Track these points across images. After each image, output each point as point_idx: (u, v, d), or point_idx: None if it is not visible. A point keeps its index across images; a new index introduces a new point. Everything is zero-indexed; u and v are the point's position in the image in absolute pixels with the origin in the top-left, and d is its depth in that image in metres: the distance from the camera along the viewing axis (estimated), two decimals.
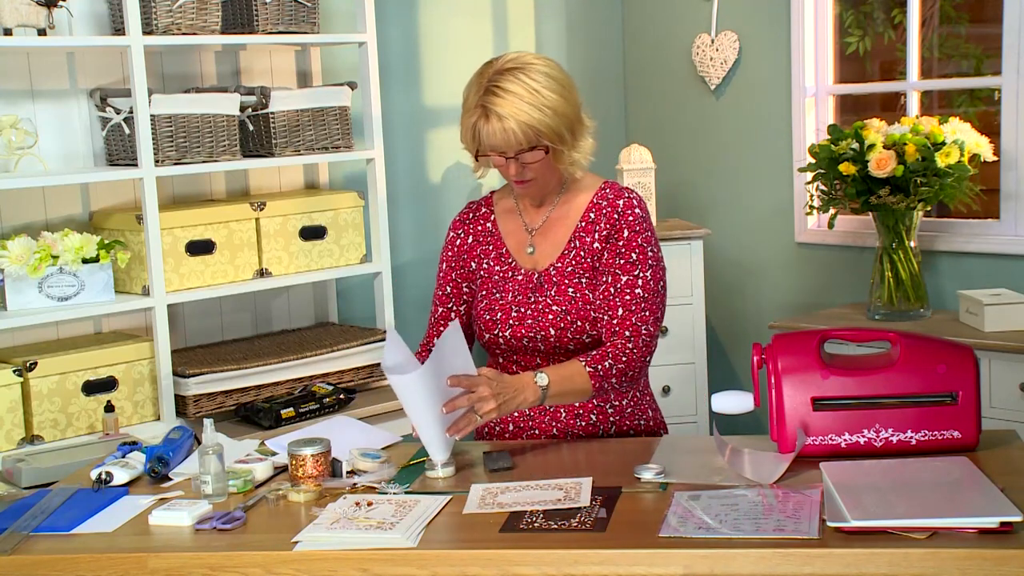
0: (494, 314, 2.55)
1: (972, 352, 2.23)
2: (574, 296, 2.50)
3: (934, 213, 4.10)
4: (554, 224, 2.58)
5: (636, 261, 2.48)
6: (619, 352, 2.44)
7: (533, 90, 2.39)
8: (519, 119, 2.38)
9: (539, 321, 2.51)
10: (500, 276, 2.59)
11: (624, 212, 2.51)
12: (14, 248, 3.21)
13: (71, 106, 3.52)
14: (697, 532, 1.88)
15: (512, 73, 2.41)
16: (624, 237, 2.50)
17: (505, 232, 2.63)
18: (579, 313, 2.49)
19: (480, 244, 2.63)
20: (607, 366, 2.42)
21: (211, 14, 3.49)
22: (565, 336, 2.49)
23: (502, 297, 2.56)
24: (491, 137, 2.40)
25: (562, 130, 2.43)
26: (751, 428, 3.80)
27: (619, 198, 2.54)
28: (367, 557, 1.91)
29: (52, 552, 2.00)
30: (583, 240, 2.53)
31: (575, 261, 2.53)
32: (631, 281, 2.47)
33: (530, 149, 2.42)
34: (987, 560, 1.75)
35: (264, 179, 3.93)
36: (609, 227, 2.51)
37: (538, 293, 2.53)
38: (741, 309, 4.71)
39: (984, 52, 4.75)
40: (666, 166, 4.64)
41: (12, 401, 3.19)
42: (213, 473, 2.18)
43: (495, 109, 2.38)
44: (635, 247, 2.49)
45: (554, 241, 2.57)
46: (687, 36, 4.73)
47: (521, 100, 2.38)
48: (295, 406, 3.45)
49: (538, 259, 2.57)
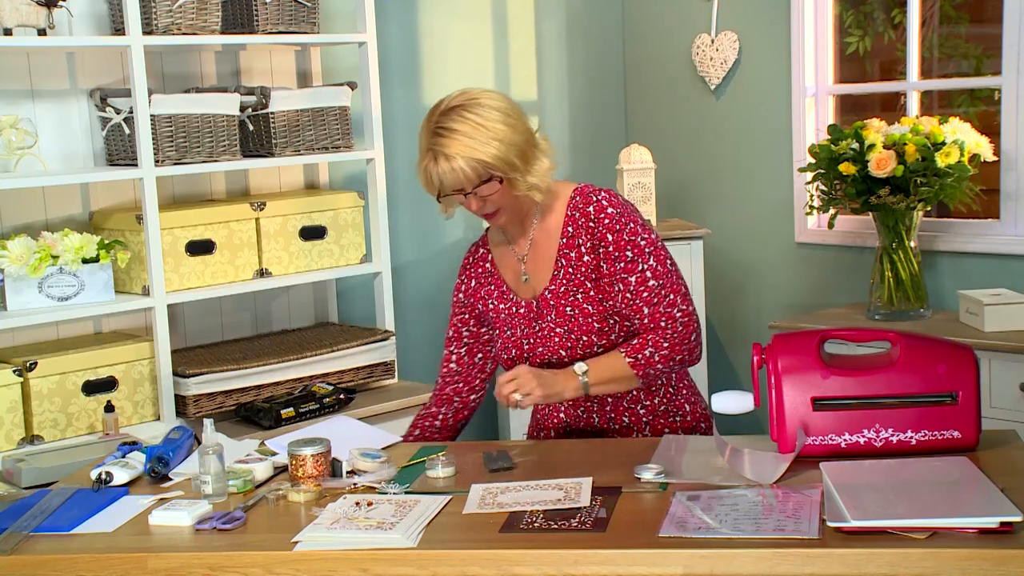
0: (509, 352, 2.58)
1: (972, 352, 2.23)
2: (573, 314, 2.50)
3: (934, 213, 4.10)
4: (539, 245, 2.57)
5: (633, 258, 2.47)
6: (660, 339, 2.46)
7: (478, 125, 2.40)
8: (465, 155, 2.38)
9: (547, 347, 2.52)
10: (507, 314, 2.60)
11: (598, 219, 2.49)
12: (14, 248, 3.21)
13: (71, 106, 3.52)
14: (697, 532, 1.88)
15: (455, 112, 2.41)
16: (610, 242, 2.48)
17: (502, 268, 2.64)
18: (582, 329, 2.49)
19: (483, 286, 2.65)
20: (648, 354, 2.44)
21: (211, 14, 3.50)
22: (575, 354, 2.50)
23: (512, 334, 2.58)
24: (443, 177, 2.41)
25: (512, 158, 2.42)
26: (751, 428, 3.80)
27: (588, 204, 2.51)
28: (367, 557, 1.91)
29: (52, 552, 2.00)
30: (568, 257, 2.52)
31: (566, 280, 2.52)
32: (640, 278, 2.47)
33: (485, 182, 2.42)
34: (987, 560, 1.75)
35: (264, 179, 3.93)
36: (590, 238, 2.50)
37: (539, 320, 2.54)
38: (741, 309, 4.71)
39: (984, 52, 4.75)
40: (666, 166, 4.64)
41: (12, 401, 3.19)
42: (213, 473, 2.18)
43: (442, 150, 2.40)
44: (625, 245, 2.48)
45: (544, 263, 2.56)
46: (687, 36, 4.73)
47: (467, 137, 2.39)
48: (295, 406, 3.45)
49: (534, 285, 2.57)
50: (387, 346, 3.80)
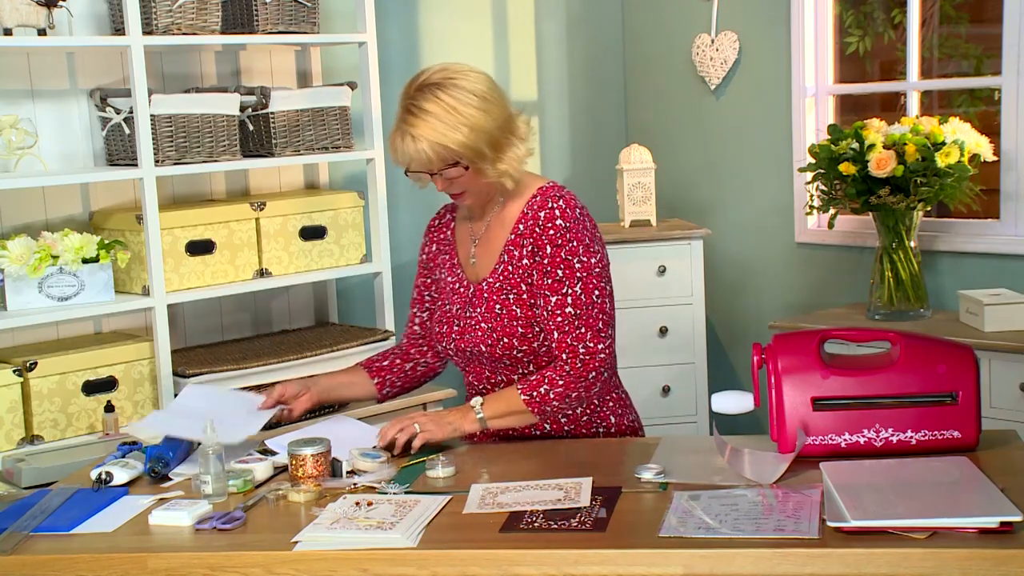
0: (442, 326, 2.58)
1: (972, 352, 2.23)
2: (500, 313, 2.48)
3: (934, 213, 4.10)
4: (492, 233, 2.55)
5: (562, 278, 2.42)
6: (556, 376, 2.42)
7: (450, 108, 2.37)
8: (430, 139, 2.36)
9: (472, 336, 2.51)
10: (450, 288, 2.60)
11: (545, 226, 2.44)
12: (14, 248, 3.21)
13: (71, 106, 3.52)
14: (697, 532, 1.88)
15: (430, 90, 2.39)
16: (547, 254, 2.44)
17: (459, 241, 2.63)
18: (505, 330, 2.47)
19: (441, 252, 2.65)
20: (543, 392, 2.42)
21: (211, 14, 3.50)
22: (495, 351, 2.49)
23: (449, 309, 2.58)
24: (404, 156, 2.41)
25: (480, 146, 2.39)
26: (751, 428, 3.80)
27: (542, 209, 2.46)
28: (367, 557, 1.91)
29: (52, 552, 2.00)
30: (512, 254, 2.49)
31: (503, 276, 2.49)
32: (560, 301, 2.43)
33: (451, 166, 2.41)
34: (987, 560, 1.75)
35: (264, 179, 3.93)
36: (532, 243, 2.46)
37: (471, 307, 2.53)
38: (741, 309, 4.71)
39: (984, 52, 4.75)
40: (666, 166, 4.64)
41: (12, 401, 3.19)
42: (213, 473, 2.18)
43: (410, 130, 2.38)
44: (559, 263, 2.43)
45: (491, 252, 2.55)
46: (687, 36, 4.73)
47: (436, 120, 2.36)
48: None
49: (479, 270, 2.56)
50: (387, 346, 3.80)
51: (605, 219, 4.69)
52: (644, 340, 4.22)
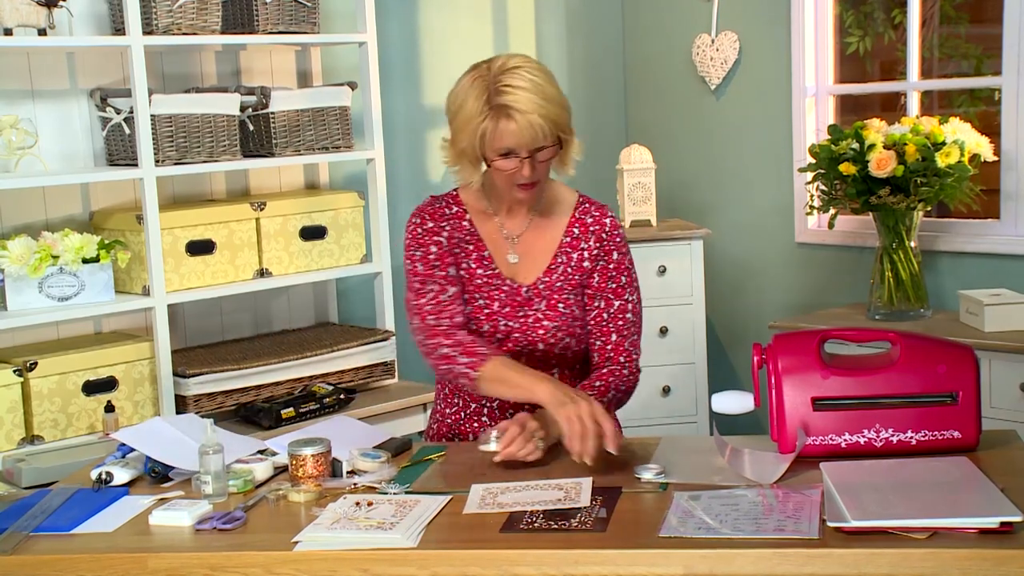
0: (480, 324, 2.50)
1: (972, 352, 2.23)
2: (564, 312, 2.50)
3: (934, 213, 4.10)
4: (535, 235, 2.54)
5: (625, 285, 2.52)
6: (618, 380, 2.48)
7: (539, 85, 2.36)
8: (539, 112, 2.34)
9: (528, 335, 2.49)
10: (483, 282, 2.52)
11: (611, 232, 2.53)
12: (14, 248, 3.21)
13: (71, 106, 3.52)
14: (697, 532, 1.88)
15: (515, 71, 2.36)
16: (614, 259, 2.52)
17: (484, 234, 2.54)
18: (569, 329, 2.50)
19: (462, 241, 2.53)
20: (611, 397, 2.46)
21: (211, 14, 3.50)
22: (552, 351, 2.50)
23: (487, 306, 2.51)
24: (513, 136, 2.34)
25: (569, 123, 2.43)
26: (751, 428, 3.80)
27: (604, 216, 2.54)
28: (367, 557, 1.91)
29: (52, 552, 2.00)
30: (569, 256, 2.52)
31: (563, 277, 2.51)
32: (622, 306, 2.51)
33: (548, 146, 2.38)
34: (987, 560, 1.75)
35: (264, 179, 3.93)
36: (598, 246, 2.51)
37: (527, 307, 2.51)
38: (741, 309, 4.71)
39: (984, 52, 4.75)
40: (666, 166, 4.63)
41: (12, 401, 3.19)
42: (213, 473, 2.18)
43: (514, 106, 2.33)
44: (623, 270, 2.53)
45: (538, 253, 2.53)
46: (687, 36, 4.73)
47: (534, 95, 2.34)
48: (295, 406, 3.45)
49: (519, 269, 2.53)
50: (387, 346, 3.80)
51: None
52: (644, 340, 4.14)
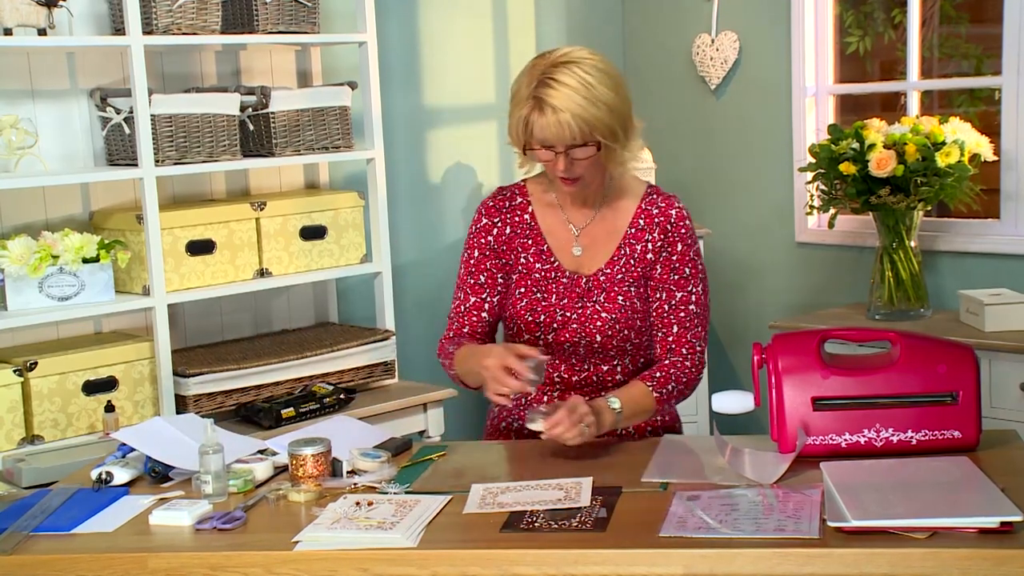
0: (537, 316, 2.50)
1: (972, 352, 2.23)
2: (624, 304, 2.48)
3: (934, 213, 4.10)
4: (600, 226, 2.53)
5: (689, 276, 2.49)
6: (679, 372, 2.46)
7: (588, 84, 2.33)
8: (574, 112, 2.32)
9: (585, 327, 2.48)
10: (542, 275, 2.52)
11: (676, 224, 2.50)
12: (14, 248, 3.21)
13: (71, 106, 3.52)
14: (697, 532, 1.88)
15: (566, 67, 2.34)
16: (678, 251, 2.49)
17: (546, 227, 2.54)
18: (627, 322, 2.49)
19: (519, 236, 2.54)
20: (671, 389, 2.45)
21: (211, 14, 3.50)
22: (610, 343, 2.49)
23: (544, 298, 2.51)
24: (543, 130, 2.34)
25: (615, 127, 2.37)
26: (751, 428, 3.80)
27: (671, 207, 2.51)
28: (367, 557, 1.91)
29: (52, 552, 2.00)
30: (633, 248, 2.50)
31: (625, 268, 2.50)
32: (685, 297, 2.49)
33: (582, 145, 2.36)
34: (987, 560, 1.75)
35: (264, 179, 3.93)
36: (662, 238, 2.49)
37: (586, 299, 2.50)
38: (741, 309, 4.71)
39: (984, 52, 4.75)
40: (666, 166, 4.63)
41: (12, 401, 3.19)
42: (213, 473, 2.18)
43: (549, 101, 2.32)
44: (688, 261, 2.49)
45: (602, 245, 2.52)
46: (687, 36, 4.73)
47: (576, 93, 2.32)
48: (295, 406, 3.45)
49: (583, 261, 2.52)
50: (387, 346, 3.80)
51: None
52: None
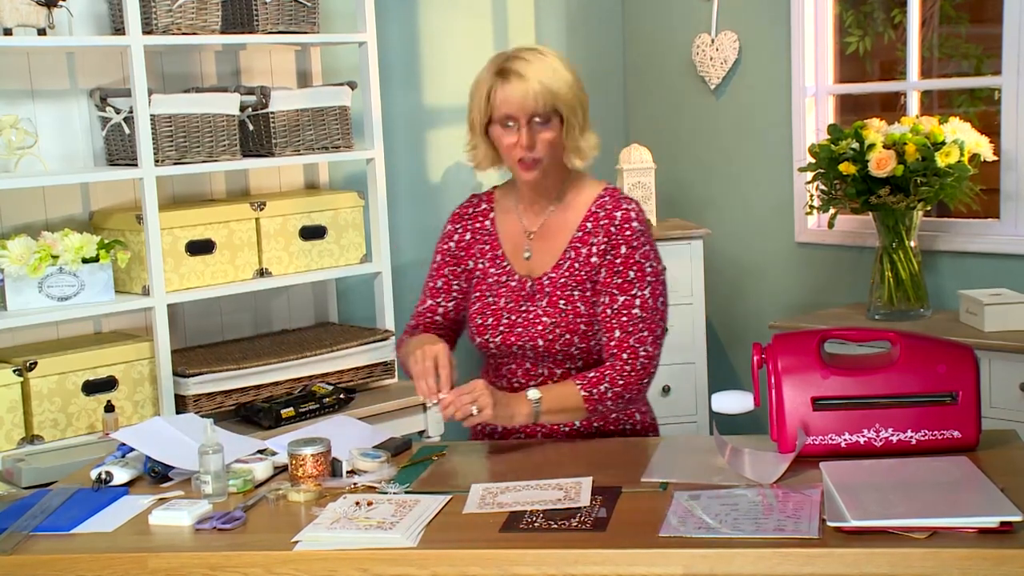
0: (485, 319, 2.55)
1: (972, 352, 2.23)
2: (564, 309, 2.49)
3: (934, 213, 4.10)
4: (552, 229, 2.56)
5: (634, 279, 2.47)
6: (616, 375, 2.45)
7: (552, 64, 2.44)
8: (541, 80, 2.40)
9: (528, 331, 2.50)
10: (495, 280, 2.57)
11: (621, 226, 2.49)
12: (14, 248, 3.21)
13: (71, 106, 3.52)
14: (697, 532, 1.88)
15: (529, 51, 2.46)
16: (621, 254, 2.48)
17: (503, 233, 2.61)
18: (568, 326, 2.48)
19: (477, 242, 2.62)
20: (602, 390, 2.43)
21: (211, 14, 3.50)
22: (553, 347, 2.49)
23: (494, 302, 2.55)
24: (508, 98, 2.41)
25: (576, 106, 2.45)
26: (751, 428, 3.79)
27: (617, 209, 2.51)
28: (367, 557, 1.91)
29: (52, 552, 2.00)
30: (578, 251, 2.51)
31: (569, 272, 2.51)
32: (628, 301, 2.47)
33: (545, 122, 2.42)
34: (987, 560, 1.75)
35: (264, 179, 3.93)
36: (606, 241, 2.49)
37: (529, 302, 2.52)
38: (741, 309, 4.71)
39: (984, 52, 4.75)
40: (666, 166, 4.63)
41: (12, 401, 3.19)
42: (213, 473, 2.18)
43: (515, 69, 2.41)
44: (632, 264, 2.48)
45: (551, 248, 2.54)
46: (687, 36, 4.73)
47: (542, 66, 2.42)
48: (295, 406, 3.45)
49: (533, 265, 2.55)
50: (387, 346, 3.80)
51: None
52: None
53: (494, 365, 2.59)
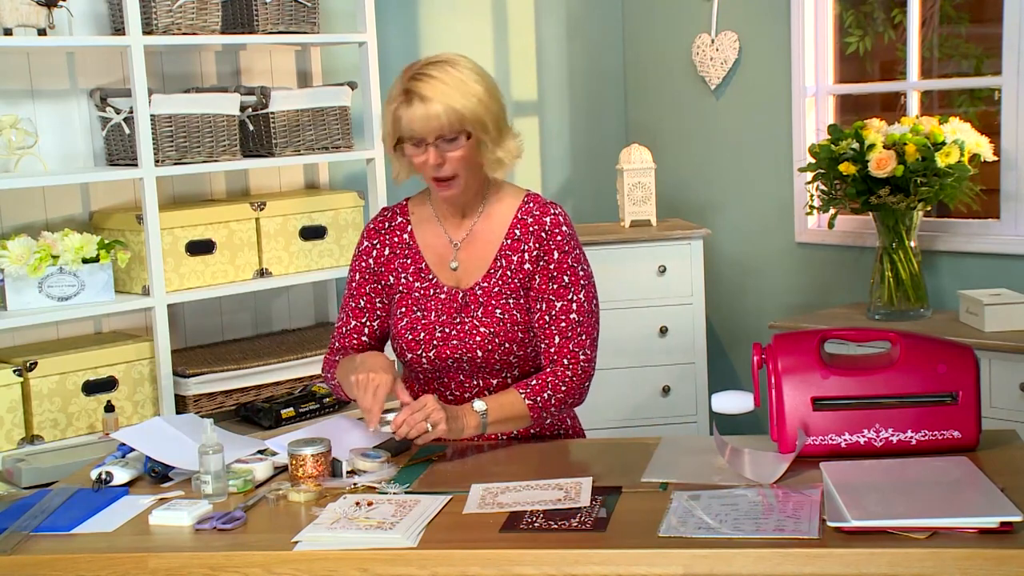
0: (416, 334, 2.48)
1: (972, 352, 2.23)
2: (502, 317, 2.45)
3: (934, 213, 4.10)
4: (478, 238, 2.51)
5: (569, 284, 2.45)
6: (558, 381, 2.43)
7: (458, 79, 2.36)
8: (444, 102, 2.33)
9: (465, 343, 2.45)
10: (420, 293, 2.51)
11: (552, 231, 2.46)
12: (14, 248, 3.21)
13: (71, 106, 3.52)
14: (697, 532, 1.88)
15: (437, 65, 2.38)
16: (554, 259, 2.45)
17: (424, 245, 2.54)
18: (507, 335, 2.45)
19: (397, 257, 2.55)
20: (546, 397, 2.41)
21: (211, 14, 3.50)
22: (492, 357, 2.45)
23: (424, 316, 2.49)
24: (412, 122, 2.35)
25: (486, 121, 2.38)
26: (751, 428, 3.80)
27: (545, 215, 2.48)
28: (367, 557, 1.91)
29: (52, 552, 2.00)
30: (509, 259, 2.47)
31: (502, 281, 2.47)
32: (565, 307, 2.44)
33: (452, 139, 2.37)
34: (987, 560, 1.75)
35: (264, 179, 3.93)
36: (538, 247, 2.46)
37: (464, 313, 2.47)
38: (741, 309, 4.71)
39: (984, 52, 4.75)
40: (666, 166, 4.64)
41: (12, 401, 3.19)
42: (213, 473, 2.18)
43: (418, 91, 2.34)
44: (566, 269, 2.45)
45: (479, 257, 2.50)
46: (687, 36, 4.73)
47: (446, 85, 2.34)
48: (295, 406, 3.46)
49: (461, 276, 2.51)
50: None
51: (605, 219, 4.70)
52: (644, 340, 4.22)
53: (423, 380, 2.54)
